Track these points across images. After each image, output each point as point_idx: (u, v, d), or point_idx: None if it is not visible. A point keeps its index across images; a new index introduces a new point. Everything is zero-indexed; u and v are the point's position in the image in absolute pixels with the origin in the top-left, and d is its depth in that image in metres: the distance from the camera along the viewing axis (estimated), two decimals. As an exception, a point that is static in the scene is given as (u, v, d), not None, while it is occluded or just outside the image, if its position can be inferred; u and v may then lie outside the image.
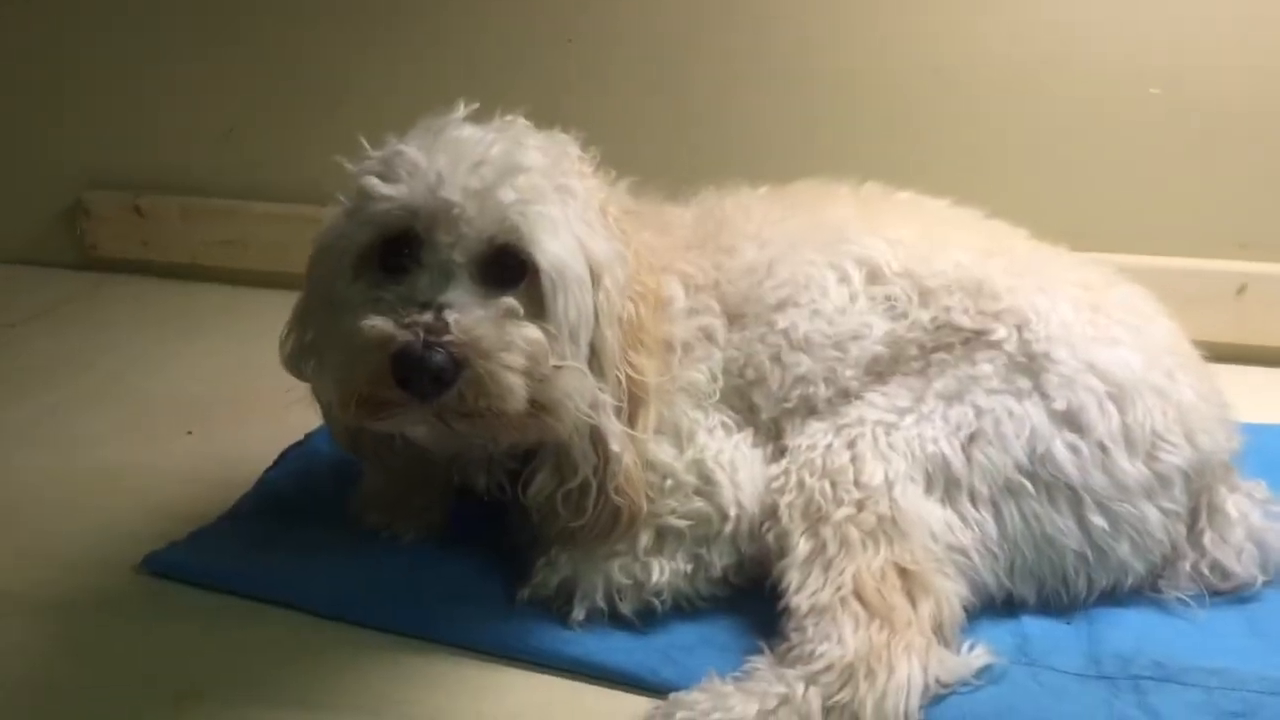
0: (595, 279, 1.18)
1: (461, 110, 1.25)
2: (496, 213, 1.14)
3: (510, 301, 1.13)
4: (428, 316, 1.10)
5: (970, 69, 1.99)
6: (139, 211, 2.52)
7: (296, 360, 1.29)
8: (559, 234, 1.16)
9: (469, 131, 1.20)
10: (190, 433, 1.79)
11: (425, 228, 1.14)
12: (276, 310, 1.32)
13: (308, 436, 1.65)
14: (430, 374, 1.07)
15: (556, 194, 1.18)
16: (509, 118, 1.27)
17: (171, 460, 1.70)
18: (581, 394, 1.16)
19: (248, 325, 2.18)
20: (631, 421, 1.22)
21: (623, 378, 1.21)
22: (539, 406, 1.13)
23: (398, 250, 1.16)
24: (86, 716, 1.17)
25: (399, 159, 1.17)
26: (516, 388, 1.10)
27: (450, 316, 1.10)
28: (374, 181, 1.16)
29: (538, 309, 1.15)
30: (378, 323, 1.10)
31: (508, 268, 1.15)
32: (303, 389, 1.31)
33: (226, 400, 1.89)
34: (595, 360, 1.19)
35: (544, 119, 1.28)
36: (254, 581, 1.35)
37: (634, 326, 1.22)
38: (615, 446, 1.20)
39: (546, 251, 1.14)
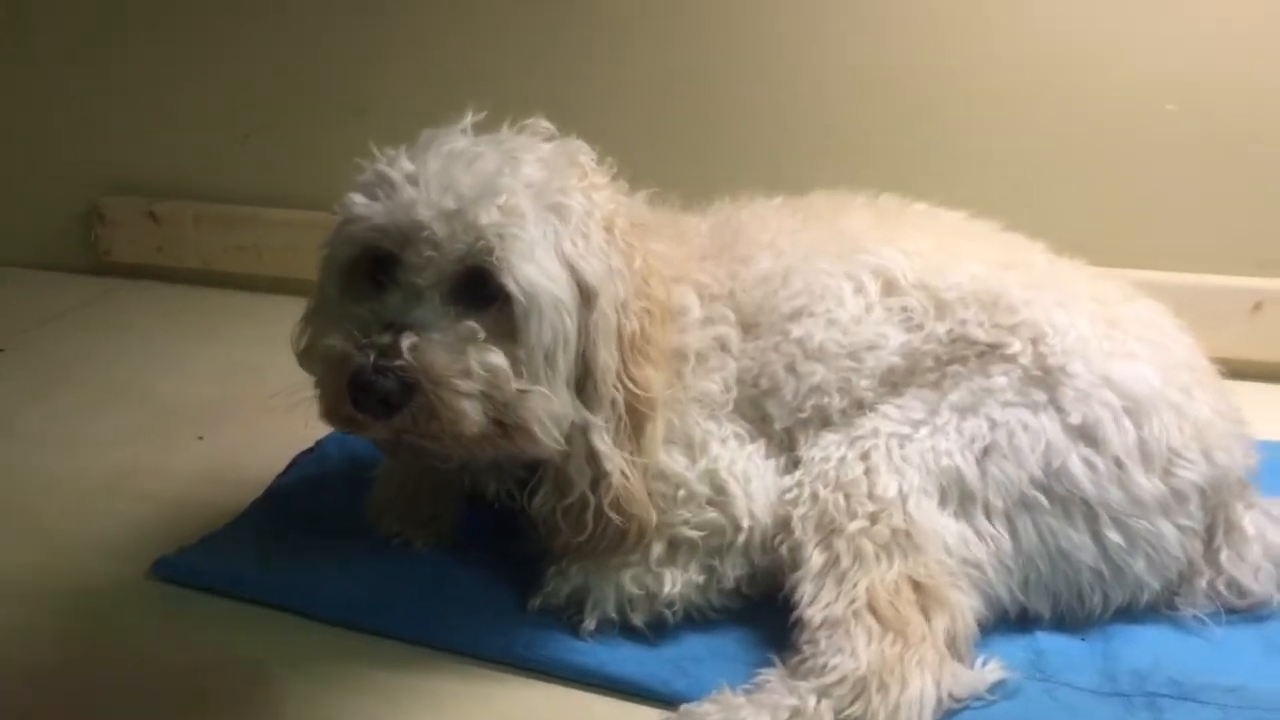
0: (590, 299, 1.17)
1: (468, 119, 1.24)
2: (468, 235, 1.13)
3: (471, 325, 1.13)
4: (386, 338, 1.10)
5: (987, 84, 1.98)
6: (153, 217, 2.53)
7: (308, 357, 1.28)
8: (535, 257, 1.15)
9: (462, 146, 1.20)
10: (201, 438, 1.79)
11: (397, 247, 1.14)
12: (289, 316, 1.32)
13: (318, 443, 1.65)
14: (377, 398, 1.09)
15: (543, 214, 1.17)
16: (525, 122, 1.27)
17: (183, 464, 1.70)
18: (551, 416, 1.15)
19: (261, 331, 2.17)
20: (637, 436, 1.21)
21: (620, 397, 1.20)
22: (507, 427, 1.14)
23: (382, 266, 1.16)
24: (97, 718, 1.17)
25: (381, 177, 1.18)
26: (470, 412, 1.11)
27: (405, 341, 1.10)
28: (355, 200, 1.17)
29: (510, 331, 1.14)
30: (336, 343, 1.13)
31: (481, 289, 1.15)
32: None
33: (238, 405, 1.89)
34: (589, 380, 1.19)
35: (557, 129, 1.28)
36: (264, 587, 1.34)
37: (639, 341, 1.21)
38: (607, 465, 1.19)
39: (519, 275, 1.13)
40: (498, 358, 1.12)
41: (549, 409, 1.15)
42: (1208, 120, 1.91)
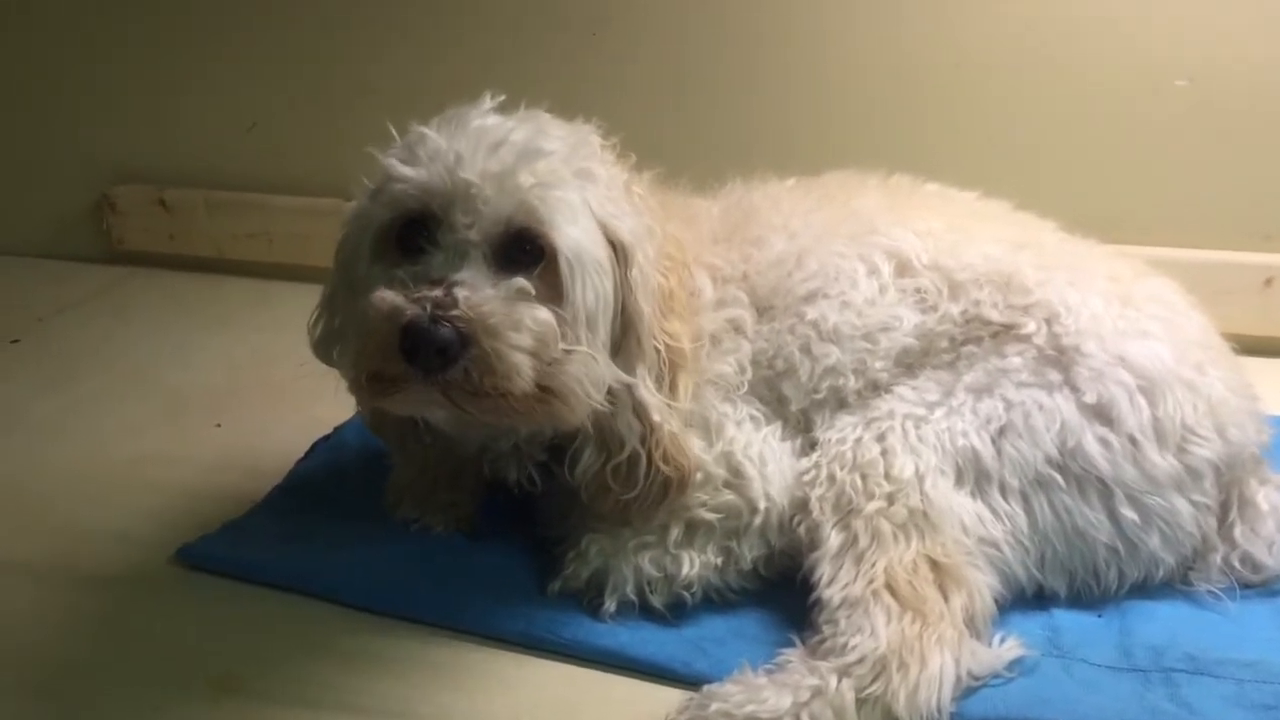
0: (627, 256, 1.20)
1: (488, 101, 1.25)
2: (514, 195, 1.15)
3: (521, 282, 1.14)
4: (437, 292, 1.10)
5: (997, 61, 1.98)
6: (164, 205, 2.53)
7: (325, 345, 1.30)
8: (577, 219, 1.17)
9: (492, 120, 1.21)
10: (219, 425, 1.80)
11: (442, 208, 1.15)
12: (302, 303, 1.33)
13: (336, 429, 1.66)
14: (435, 347, 1.08)
15: (576, 179, 1.19)
16: (532, 111, 1.27)
17: (201, 452, 1.71)
18: (592, 380, 1.16)
19: (274, 317, 2.19)
20: (672, 388, 1.23)
21: (660, 348, 1.21)
22: (548, 391, 1.14)
23: (416, 232, 1.17)
24: (125, 703, 1.18)
25: (420, 142, 1.19)
26: (523, 367, 1.11)
27: (460, 293, 1.10)
28: (395, 163, 1.18)
29: (553, 293, 1.15)
30: (388, 296, 1.11)
31: (524, 251, 1.16)
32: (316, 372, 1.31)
33: (255, 392, 1.90)
34: (630, 335, 1.20)
35: (568, 112, 1.28)
36: (286, 573, 1.35)
37: (666, 296, 1.23)
38: (657, 416, 1.21)
39: (564, 236, 1.15)
40: (547, 314, 1.13)
41: (590, 372, 1.16)
42: (1218, 96, 1.91)
